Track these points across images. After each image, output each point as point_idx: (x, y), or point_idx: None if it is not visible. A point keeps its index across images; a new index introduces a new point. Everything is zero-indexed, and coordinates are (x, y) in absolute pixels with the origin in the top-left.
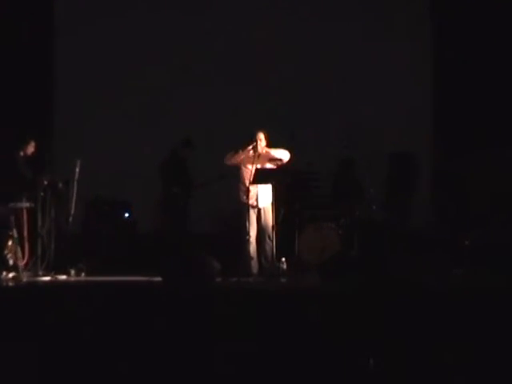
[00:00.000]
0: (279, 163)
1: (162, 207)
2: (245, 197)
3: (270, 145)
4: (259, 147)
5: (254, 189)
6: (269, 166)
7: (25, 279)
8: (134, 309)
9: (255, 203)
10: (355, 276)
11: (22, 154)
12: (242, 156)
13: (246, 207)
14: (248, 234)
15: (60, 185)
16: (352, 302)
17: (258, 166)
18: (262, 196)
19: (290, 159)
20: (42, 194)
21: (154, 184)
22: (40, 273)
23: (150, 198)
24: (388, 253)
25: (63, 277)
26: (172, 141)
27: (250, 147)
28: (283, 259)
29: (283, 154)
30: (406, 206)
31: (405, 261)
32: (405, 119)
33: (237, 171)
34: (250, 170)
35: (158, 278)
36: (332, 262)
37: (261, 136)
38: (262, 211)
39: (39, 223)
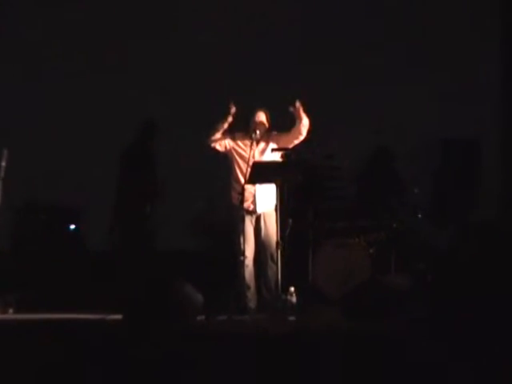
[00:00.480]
0: (297, 140)
1: (118, 215)
2: (239, 199)
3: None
4: (258, 130)
5: (251, 188)
6: (271, 156)
7: None
8: (82, 359)
9: (251, 207)
10: (391, 314)
11: None
12: (225, 126)
13: (241, 214)
14: (242, 252)
15: None
16: (388, 351)
17: (257, 157)
18: (262, 197)
19: (301, 148)
20: None
21: (109, 185)
22: None
23: (104, 204)
24: (440, 281)
25: None
26: (133, 128)
27: (230, 116)
28: (292, 289)
29: (304, 123)
30: (465, 213)
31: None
32: (461, 99)
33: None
34: (246, 160)
35: (117, 316)
36: (360, 293)
37: (261, 116)
38: (262, 220)
39: None
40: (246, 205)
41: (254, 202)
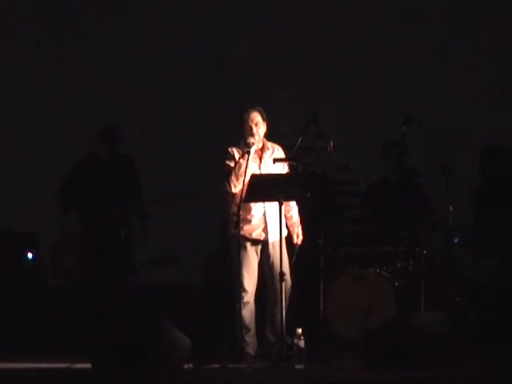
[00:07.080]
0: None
1: (82, 243)
2: (235, 224)
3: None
4: (256, 135)
5: (258, 210)
6: (274, 168)
7: None
8: None
9: (263, 236)
10: (422, 362)
11: None
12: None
13: (240, 241)
14: (242, 287)
15: None
16: None
17: (254, 170)
18: (274, 224)
19: (311, 158)
20: None
21: None
22: None
23: None
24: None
25: None
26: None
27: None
28: (299, 331)
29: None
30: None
31: None
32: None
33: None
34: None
35: (86, 365)
36: (382, 335)
37: (256, 117)
38: (271, 248)
39: None
40: (255, 234)
41: (265, 229)
